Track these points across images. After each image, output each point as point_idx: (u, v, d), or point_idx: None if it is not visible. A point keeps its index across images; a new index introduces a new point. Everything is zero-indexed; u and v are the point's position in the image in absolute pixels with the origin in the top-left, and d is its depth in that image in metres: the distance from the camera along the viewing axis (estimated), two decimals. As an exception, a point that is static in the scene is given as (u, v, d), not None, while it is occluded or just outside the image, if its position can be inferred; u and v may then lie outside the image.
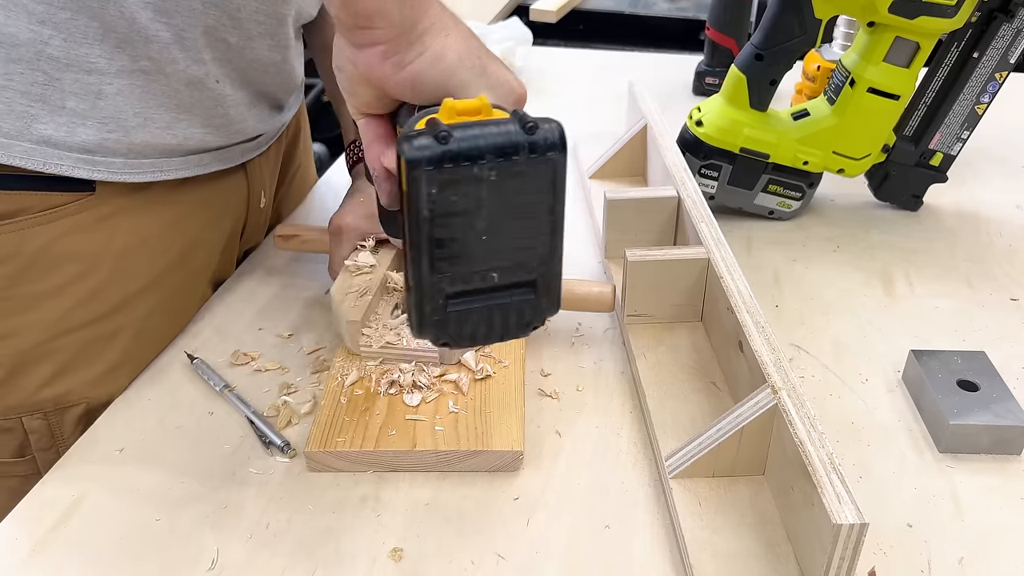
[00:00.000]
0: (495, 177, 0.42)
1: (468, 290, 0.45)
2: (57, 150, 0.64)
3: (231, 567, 0.55)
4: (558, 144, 0.43)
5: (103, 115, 0.65)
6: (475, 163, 0.42)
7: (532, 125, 0.42)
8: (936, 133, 0.93)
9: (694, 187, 0.80)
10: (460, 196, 0.42)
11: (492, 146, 0.42)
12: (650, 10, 2.03)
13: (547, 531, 0.58)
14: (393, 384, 0.67)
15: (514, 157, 0.42)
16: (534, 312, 0.47)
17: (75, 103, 0.64)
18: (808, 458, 0.50)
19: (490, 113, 0.45)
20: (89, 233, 0.68)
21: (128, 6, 0.63)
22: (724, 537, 0.55)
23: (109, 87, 0.65)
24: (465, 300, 0.46)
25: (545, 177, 0.43)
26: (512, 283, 0.46)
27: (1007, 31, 0.86)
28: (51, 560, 0.56)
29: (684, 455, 0.59)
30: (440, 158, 0.41)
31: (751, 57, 0.88)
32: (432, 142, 0.41)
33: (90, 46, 0.63)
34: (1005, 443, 0.63)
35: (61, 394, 0.70)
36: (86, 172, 0.66)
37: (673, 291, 0.73)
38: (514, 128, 0.42)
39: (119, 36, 0.63)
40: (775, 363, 0.58)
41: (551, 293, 0.47)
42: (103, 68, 0.64)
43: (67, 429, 0.71)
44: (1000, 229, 0.95)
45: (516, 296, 0.46)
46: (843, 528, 0.46)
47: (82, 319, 0.70)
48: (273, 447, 0.64)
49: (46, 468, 0.63)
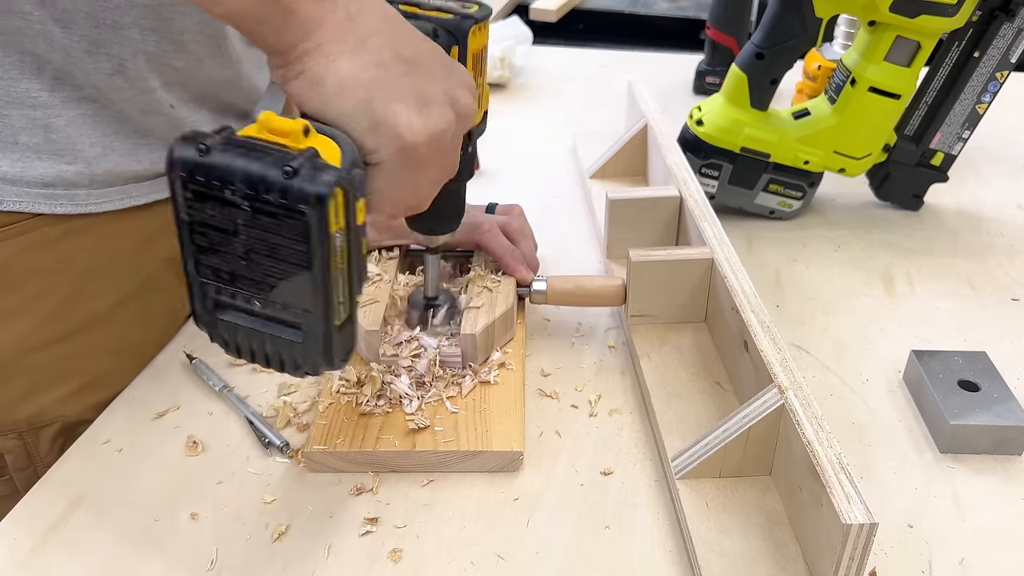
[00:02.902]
0: (247, 207, 0.41)
1: (233, 305, 0.45)
2: (14, 187, 0.63)
3: (230, 567, 0.55)
4: (310, 199, 0.40)
5: (57, 147, 0.63)
6: (225, 186, 0.41)
7: (293, 169, 0.40)
8: (937, 133, 0.93)
9: (696, 187, 0.80)
10: (215, 212, 0.42)
11: (244, 175, 0.40)
12: (650, 9, 2.03)
13: (547, 531, 0.58)
14: (393, 384, 0.67)
15: (265, 195, 0.41)
16: (303, 357, 0.46)
17: (26, 138, 0.62)
18: (816, 458, 0.50)
19: (298, 141, 0.42)
20: (47, 251, 0.66)
21: (59, 41, 0.60)
22: (732, 538, 0.55)
23: (58, 119, 0.62)
24: (232, 314, 0.46)
25: (296, 228, 0.41)
26: (277, 319, 0.45)
27: (1008, 30, 0.86)
28: (51, 560, 0.56)
29: (691, 455, 0.59)
30: (193, 167, 0.41)
31: (752, 56, 0.88)
32: (192, 149, 0.41)
33: (28, 80, 0.61)
34: (1006, 443, 0.63)
35: (34, 413, 0.69)
36: (48, 207, 0.64)
37: (677, 291, 0.73)
38: (273, 167, 0.40)
39: (56, 68, 0.61)
40: (781, 363, 0.58)
41: (321, 348, 0.46)
42: (46, 101, 0.62)
43: (43, 448, 0.70)
44: (1001, 229, 0.95)
45: (283, 333, 0.45)
46: (853, 528, 0.46)
47: (49, 336, 0.68)
48: (272, 447, 0.64)
49: (25, 488, 0.62)
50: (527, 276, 0.74)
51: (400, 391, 0.66)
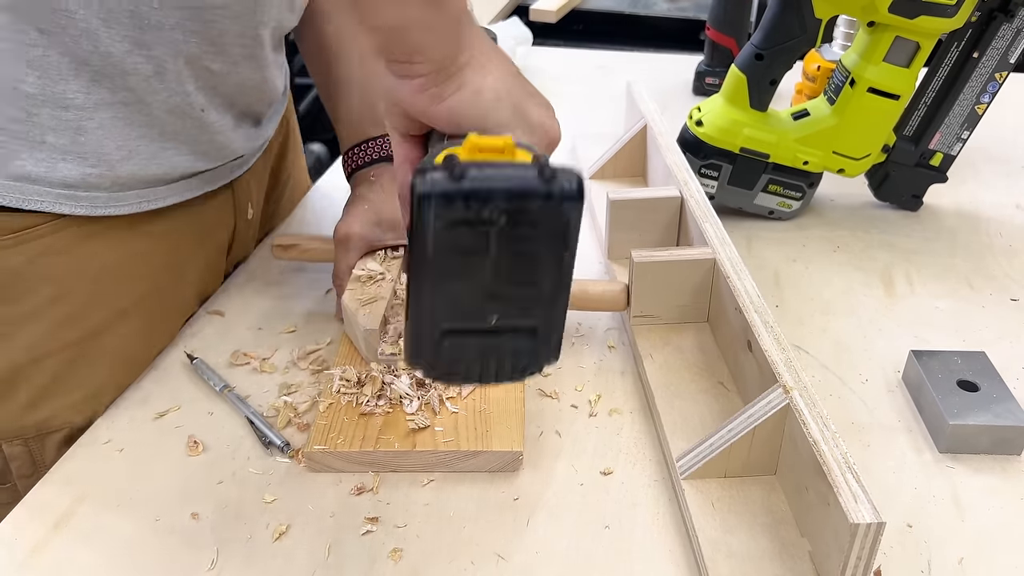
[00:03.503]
0: (505, 221, 0.41)
1: (465, 329, 0.44)
2: (37, 186, 0.63)
3: (231, 568, 0.55)
4: (574, 195, 0.41)
5: (84, 150, 0.64)
6: (486, 205, 0.40)
7: (551, 173, 0.41)
8: (936, 133, 0.93)
9: (696, 187, 0.80)
10: (468, 235, 0.41)
11: (506, 190, 0.40)
12: (650, 10, 2.03)
13: (547, 531, 0.58)
14: (393, 384, 0.67)
15: (527, 203, 0.41)
16: (531, 359, 0.46)
17: (55, 139, 0.62)
18: (823, 457, 0.50)
19: (513, 154, 0.43)
20: (63, 255, 0.66)
21: (102, 40, 0.61)
22: (738, 538, 0.55)
23: (89, 122, 0.63)
24: (461, 337, 0.45)
25: (557, 227, 0.42)
26: (512, 327, 0.45)
27: (1007, 31, 0.86)
28: (51, 561, 0.56)
29: (696, 456, 0.59)
30: (451, 195, 0.40)
31: (751, 57, 0.88)
32: (445, 178, 0.40)
33: (66, 82, 0.61)
34: (1005, 443, 0.63)
35: (42, 419, 0.69)
36: (68, 208, 0.64)
37: (679, 292, 0.73)
38: (532, 174, 0.41)
39: (94, 70, 0.62)
40: (785, 363, 0.58)
41: (551, 341, 0.46)
42: (81, 103, 0.62)
43: (48, 455, 0.69)
44: (1000, 229, 0.95)
45: (515, 341, 0.45)
46: (860, 527, 0.46)
47: (61, 342, 0.68)
48: (273, 447, 0.64)
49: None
50: None
51: (400, 391, 0.66)
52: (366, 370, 0.68)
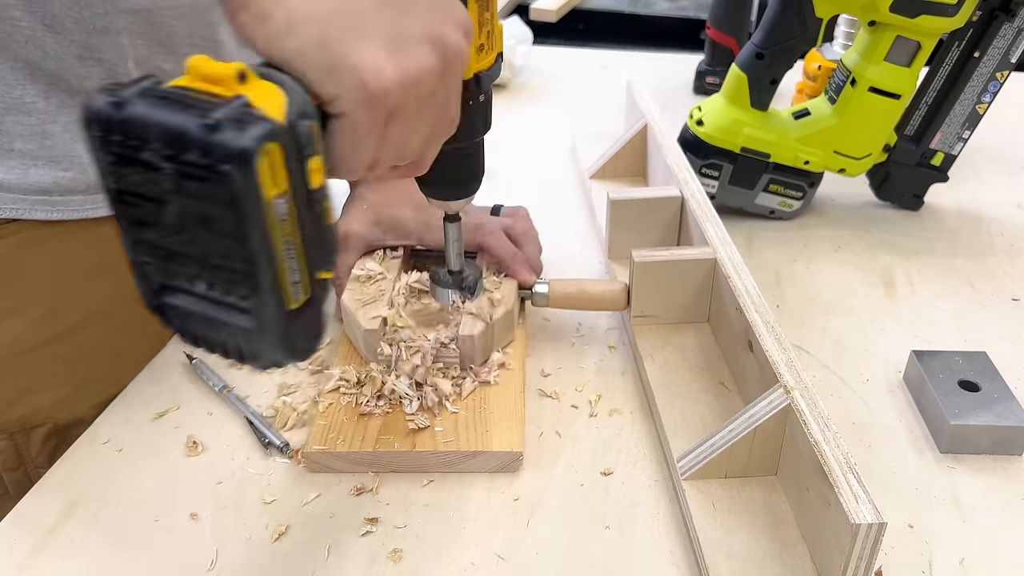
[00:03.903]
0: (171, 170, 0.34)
1: (179, 287, 0.39)
2: (11, 194, 0.63)
3: (230, 567, 0.55)
4: (235, 156, 0.33)
5: (54, 154, 0.63)
6: (144, 145, 0.34)
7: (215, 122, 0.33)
8: (937, 133, 0.93)
9: (697, 187, 0.80)
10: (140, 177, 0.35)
11: (162, 131, 0.34)
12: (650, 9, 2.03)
13: (547, 531, 0.58)
14: (393, 384, 0.67)
15: (186, 152, 0.34)
16: (255, 348, 0.40)
17: (23, 145, 0.62)
18: (824, 458, 0.50)
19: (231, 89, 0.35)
20: (42, 251, 0.66)
21: (50, 46, 0.60)
22: (739, 538, 0.55)
23: (53, 125, 0.63)
24: (180, 297, 0.39)
25: (223, 193, 0.34)
26: (229, 304, 0.39)
27: (1008, 30, 0.86)
28: (50, 561, 0.56)
29: (696, 456, 0.59)
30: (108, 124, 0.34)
31: (752, 56, 0.88)
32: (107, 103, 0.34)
33: (22, 87, 0.61)
34: (1006, 443, 0.63)
35: (27, 414, 0.69)
36: (44, 214, 0.64)
37: (680, 292, 0.73)
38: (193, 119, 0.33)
39: (48, 74, 0.62)
40: (786, 363, 0.58)
41: (274, 336, 0.39)
42: (42, 107, 0.62)
43: (34, 449, 0.70)
44: (1001, 229, 0.95)
45: (234, 319, 0.39)
46: (862, 528, 0.46)
47: (43, 337, 0.68)
48: (272, 447, 0.64)
49: (15, 489, 0.62)
50: (529, 279, 0.74)
51: (400, 391, 0.66)
52: (366, 370, 0.67)
